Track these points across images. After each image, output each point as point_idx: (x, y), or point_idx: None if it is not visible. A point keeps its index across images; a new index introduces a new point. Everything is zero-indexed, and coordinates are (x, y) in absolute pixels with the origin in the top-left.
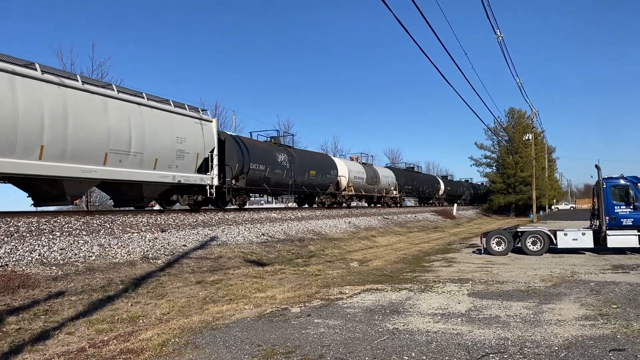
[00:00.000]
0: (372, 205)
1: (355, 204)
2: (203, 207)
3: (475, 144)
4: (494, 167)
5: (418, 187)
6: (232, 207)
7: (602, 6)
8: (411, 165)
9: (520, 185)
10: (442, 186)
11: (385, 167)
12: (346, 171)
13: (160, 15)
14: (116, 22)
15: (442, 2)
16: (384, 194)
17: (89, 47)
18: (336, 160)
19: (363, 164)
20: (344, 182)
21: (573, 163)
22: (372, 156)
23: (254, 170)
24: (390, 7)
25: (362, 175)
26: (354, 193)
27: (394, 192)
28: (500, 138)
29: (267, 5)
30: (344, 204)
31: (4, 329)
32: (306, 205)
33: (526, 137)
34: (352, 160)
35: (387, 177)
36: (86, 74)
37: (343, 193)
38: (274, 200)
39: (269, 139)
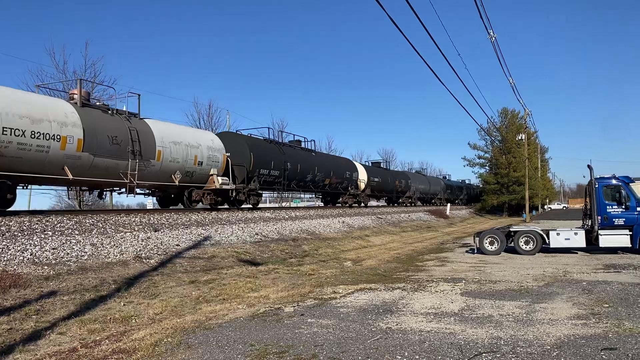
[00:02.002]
0: (166, 206)
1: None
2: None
3: (469, 144)
4: (487, 167)
5: (303, 175)
6: None
7: (595, 5)
8: (296, 139)
9: (513, 185)
10: (364, 177)
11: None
12: None
13: (154, 15)
14: (110, 21)
15: (436, 3)
16: (188, 182)
17: (82, 45)
18: None
19: (116, 112)
20: None
21: (566, 163)
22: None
23: None
24: (385, 7)
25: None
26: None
27: (219, 180)
28: (493, 138)
29: (263, 5)
30: None
31: None
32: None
33: (519, 137)
34: (94, 107)
35: (199, 147)
36: (79, 73)
37: None
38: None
39: None
